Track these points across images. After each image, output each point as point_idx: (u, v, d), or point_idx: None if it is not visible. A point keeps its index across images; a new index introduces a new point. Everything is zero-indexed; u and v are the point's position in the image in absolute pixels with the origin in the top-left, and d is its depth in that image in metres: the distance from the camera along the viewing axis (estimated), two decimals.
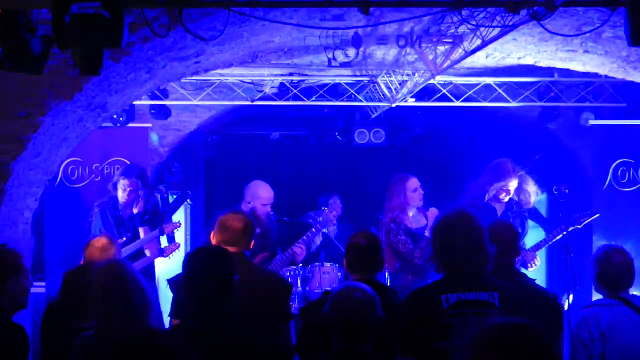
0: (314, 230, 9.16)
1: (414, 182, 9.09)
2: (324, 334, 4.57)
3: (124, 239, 9.17)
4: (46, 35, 4.92)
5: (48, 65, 5.22)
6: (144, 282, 4.68)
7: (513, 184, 9.10)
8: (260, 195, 9.06)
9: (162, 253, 9.37)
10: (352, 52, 8.80)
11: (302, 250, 8.93)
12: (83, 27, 4.51)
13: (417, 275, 8.80)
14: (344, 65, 9.38)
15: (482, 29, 7.01)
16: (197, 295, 4.52)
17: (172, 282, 6.44)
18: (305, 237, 9.06)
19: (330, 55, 8.72)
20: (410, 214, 9.02)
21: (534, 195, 9.32)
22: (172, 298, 6.24)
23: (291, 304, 7.63)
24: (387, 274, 9.27)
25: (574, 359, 5.79)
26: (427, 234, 8.65)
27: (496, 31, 6.85)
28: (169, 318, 6.05)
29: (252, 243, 6.33)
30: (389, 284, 8.74)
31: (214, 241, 6.22)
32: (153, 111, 11.40)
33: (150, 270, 9.40)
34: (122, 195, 9.36)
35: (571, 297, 8.38)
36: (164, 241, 9.68)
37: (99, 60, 4.57)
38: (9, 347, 4.92)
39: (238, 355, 4.31)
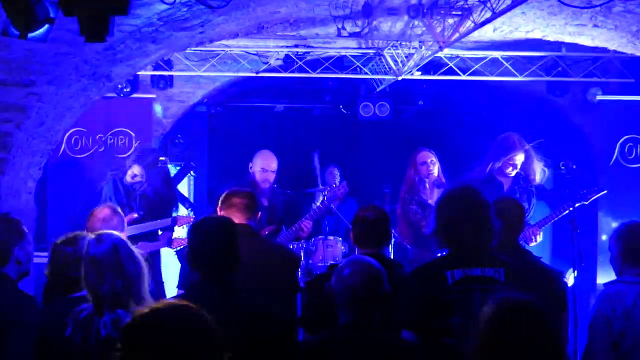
0: (320, 206, 9.16)
1: (423, 156, 9.26)
2: (330, 308, 4.55)
3: (136, 215, 9.15)
4: (52, 1, 4.86)
5: (53, 33, 5.16)
6: (135, 252, 4.65)
7: (519, 158, 9.07)
8: (261, 162, 9.01)
9: (170, 244, 9.34)
10: (360, 22, 8.74)
11: (308, 227, 8.96)
12: None
13: (418, 247, 8.98)
14: (353, 35, 9.31)
15: (492, 0, 6.94)
16: (200, 265, 4.51)
17: (182, 254, 6.46)
18: (312, 213, 9.07)
19: (340, 26, 8.66)
20: (427, 184, 9.23)
21: (540, 173, 9.29)
22: (180, 269, 6.26)
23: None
24: (391, 247, 9.30)
25: (595, 334, 5.76)
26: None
27: (507, 3, 6.77)
28: (177, 289, 6.07)
29: (259, 215, 6.36)
30: (393, 258, 8.77)
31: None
32: (156, 81, 11.34)
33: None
34: (129, 174, 9.36)
35: (576, 272, 8.35)
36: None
37: (106, 27, 4.51)
38: (21, 315, 4.91)
39: (239, 325, 4.29)
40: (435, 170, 9.30)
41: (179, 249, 9.52)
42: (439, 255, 8.93)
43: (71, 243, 5.33)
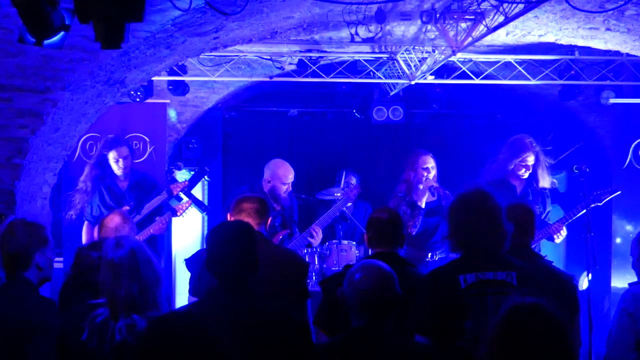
0: (332, 209, 9.24)
1: (425, 160, 9.42)
2: (344, 308, 4.58)
3: (127, 207, 9.23)
4: (67, 8, 4.90)
5: (68, 39, 5.20)
6: (153, 258, 4.69)
7: (531, 159, 9.11)
8: (281, 174, 9.11)
9: (175, 213, 9.39)
10: (373, 27, 8.77)
11: (317, 232, 9.04)
12: (105, 0, 4.49)
13: (412, 247, 9.10)
14: (366, 40, 9.34)
15: (504, 4, 6.95)
16: (218, 269, 4.53)
17: (190, 262, 6.51)
18: (322, 219, 9.16)
19: (353, 31, 8.69)
20: (421, 187, 9.37)
21: (546, 180, 9.33)
22: (189, 276, 6.29)
23: (308, 281, 7.68)
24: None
25: (618, 329, 5.80)
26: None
27: (519, 7, 6.79)
28: (188, 295, 6.10)
29: (269, 220, 6.41)
30: None
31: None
32: (171, 87, 11.36)
33: (158, 246, 9.49)
34: (117, 167, 9.45)
35: (590, 275, 8.35)
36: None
37: (121, 34, 4.55)
38: (42, 320, 4.95)
39: (257, 329, 4.32)
40: (432, 175, 9.41)
41: (184, 214, 9.59)
42: (429, 254, 9.15)
43: (96, 248, 5.38)
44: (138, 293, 4.48)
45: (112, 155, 9.53)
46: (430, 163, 9.47)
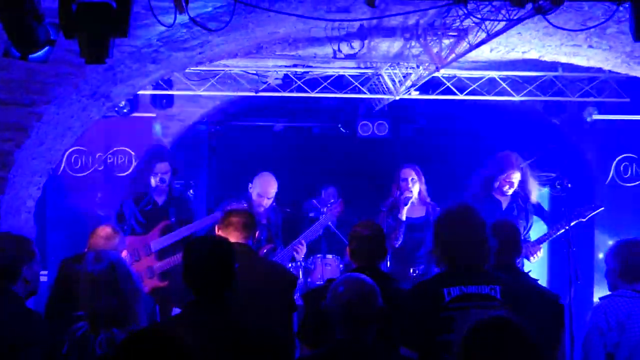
0: (317, 224, 9.25)
1: (405, 172, 9.50)
2: (327, 321, 4.60)
3: (168, 222, 9.13)
4: (53, 23, 4.93)
5: (53, 53, 5.22)
6: (133, 272, 4.71)
7: (516, 176, 9.16)
8: (257, 185, 9.14)
9: None
10: (356, 43, 8.81)
11: (302, 245, 9.04)
12: (90, 16, 4.52)
13: (397, 261, 9.13)
14: (348, 57, 9.38)
15: (487, 22, 7.01)
16: (194, 284, 4.54)
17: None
18: (306, 233, 9.16)
19: (335, 47, 8.73)
20: (411, 200, 9.45)
21: (535, 190, 9.38)
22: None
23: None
24: (388, 263, 9.37)
25: (588, 346, 5.83)
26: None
27: (501, 25, 6.85)
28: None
29: (257, 233, 6.45)
30: None
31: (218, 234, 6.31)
32: (155, 100, 11.37)
33: None
34: (154, 182, 9.34)
35: (572, 290, 8.39)
36: None
37: (105, 49, 4.58)
38: (30, 333, 4.96)
39: (233, 342, 4.33)
40: (415, 187, 9.44)
41: None
42: (413, 269, 9.19)
43: (79, 260, 5.40)
44: (118, 307, 4.51)
45: (152, 169, 9.41)
46: (410, 175, 9.49)
